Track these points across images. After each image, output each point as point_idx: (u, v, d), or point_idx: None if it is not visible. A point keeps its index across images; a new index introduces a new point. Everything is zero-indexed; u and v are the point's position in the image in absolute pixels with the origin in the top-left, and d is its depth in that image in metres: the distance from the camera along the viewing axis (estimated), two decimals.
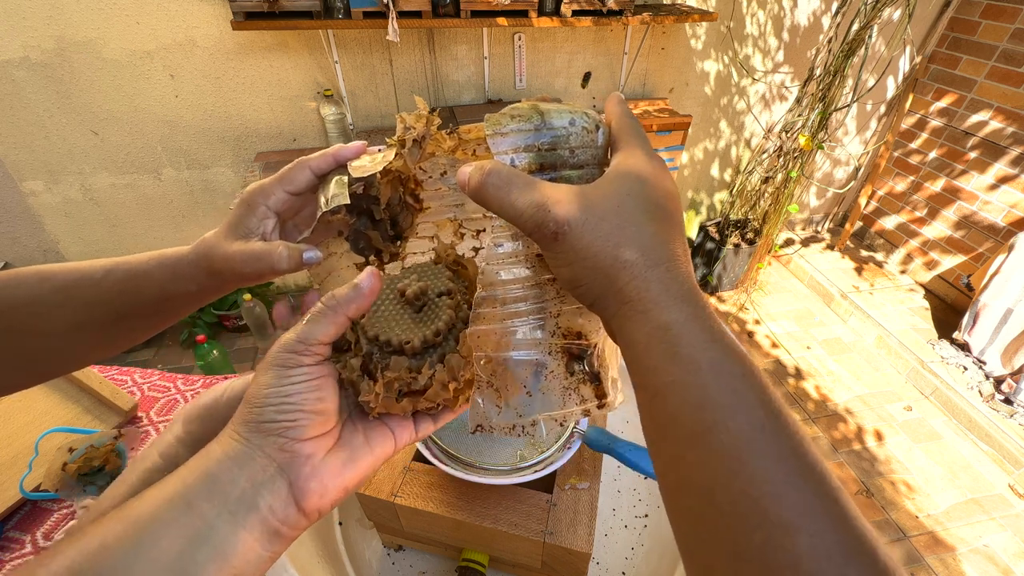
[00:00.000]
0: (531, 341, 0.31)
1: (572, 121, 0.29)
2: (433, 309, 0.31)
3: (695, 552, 0.21)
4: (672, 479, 0.22)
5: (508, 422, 0.31)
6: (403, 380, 0.29)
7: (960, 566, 1.45)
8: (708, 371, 0.21)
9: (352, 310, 0.27)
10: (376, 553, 0.65)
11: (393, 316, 0.31)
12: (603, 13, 1.64)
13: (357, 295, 0.27)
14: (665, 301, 0.23)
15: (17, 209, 1.71)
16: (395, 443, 0.29)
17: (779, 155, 2.13)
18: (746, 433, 0.20)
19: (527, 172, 0.28)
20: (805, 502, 0.18)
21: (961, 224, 2.26)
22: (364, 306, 0.28)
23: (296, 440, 0.24)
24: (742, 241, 2.34)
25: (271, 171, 1.66)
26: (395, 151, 0.35)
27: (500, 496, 0.55)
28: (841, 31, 1.82)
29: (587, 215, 0.25)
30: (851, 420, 1.88)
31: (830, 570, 0.17)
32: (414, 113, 0.36)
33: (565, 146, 0.29)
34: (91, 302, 0.35)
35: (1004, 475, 1.70)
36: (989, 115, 2.11)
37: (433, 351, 0.30)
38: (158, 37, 1.52)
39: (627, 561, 0.64)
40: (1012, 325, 1.82)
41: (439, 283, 0.32)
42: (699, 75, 2.15)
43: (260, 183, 0.35)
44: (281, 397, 0.25)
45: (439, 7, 1.50)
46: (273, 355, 0.26)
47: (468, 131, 0.36)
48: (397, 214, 0.37)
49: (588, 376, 0.32)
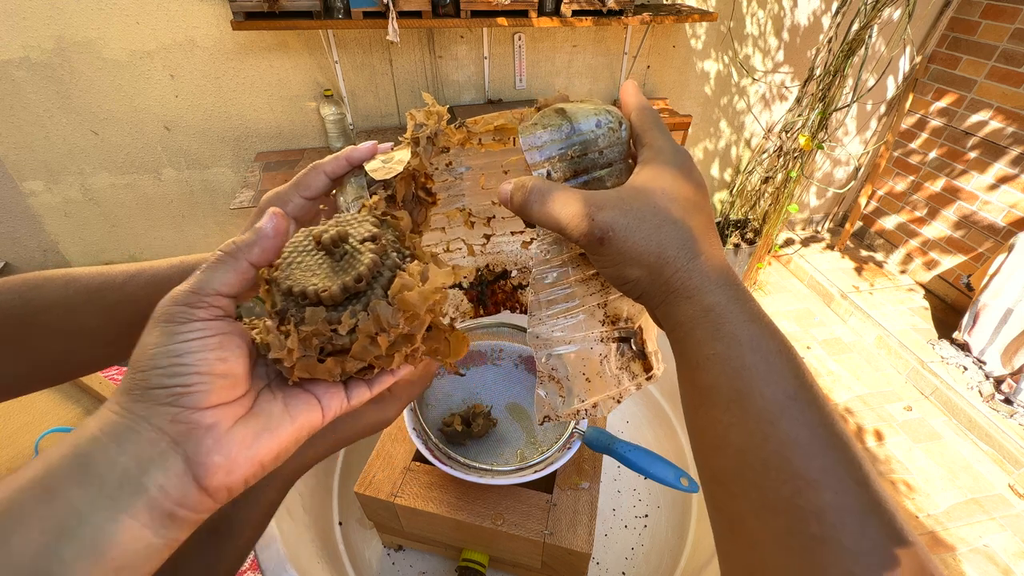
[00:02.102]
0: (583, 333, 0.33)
1: (598, 123, 0.31)
2: (356, 256, 0.27)
3: (725, 506, 0.23)
4: (708, 440, 0.24)
5: (572, 408, 0.34)
6: (322, 334, 0.25)
7: (960, 566, 1.45)
8: (747, 345, 0.23)
9: (255, 255, 0.25)
10: (376, 553, 0.65)
11: (310, 267, 0.27)
12: (603, 13, 1.64)
13: (260, 237, 0.25)
14: (707, 287, 0.25)
15: (17, 209, 1.71)
16: (322, 412, 0.26)
17: (779, 155, 2.13)
18: (780, 400, 0.22)
19: (562, 179, 0.30)
20: (831, 463, 0.20)
21: (961, 224, 2.26)
22: (269, 249, 0.25)
23: (193, 408, 0.21)
24: (742, 241, 2.34)
25: (271, 171, 1.67)
26: (410, 150, 0.35)
27: (500, 496, 0.55)
28: (841, 31, 1.82)
29: (628, 219, 0.27)
30: (851, 420, 1.88)
31: (851, 522, 0.19)
32: (424, 110, 0.37)
33: (594, 148, 0.31)
34: (115, 305, 0.35)
35: (1004, 475, 1.70)
36: (989, 115, 2.11)
37: (357, 300, 0.26)
38: (158, 37, 1.52)
39: (627, 561, 0.64)
40: (1012, 325, 1.82)
41: (362, 229, 0.29)
42: (699, 75, 2.15)
43: (276, 190, 0.35)
44: (171, 358, 0.21)
45: (439, 7, 1.50)
46: (160, 310, 0.22)
47: (475, 123, 0.37)
48: (412, 210, 0.37)
49: (636, 354, 0.35)
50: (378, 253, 0.27)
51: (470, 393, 0.67)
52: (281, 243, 0.26)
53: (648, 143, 0.30)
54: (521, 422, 0.65)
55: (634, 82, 0.33)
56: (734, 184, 2.45)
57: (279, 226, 0.25)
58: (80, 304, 0.35)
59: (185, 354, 0.21)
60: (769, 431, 0.21)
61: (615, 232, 0.26)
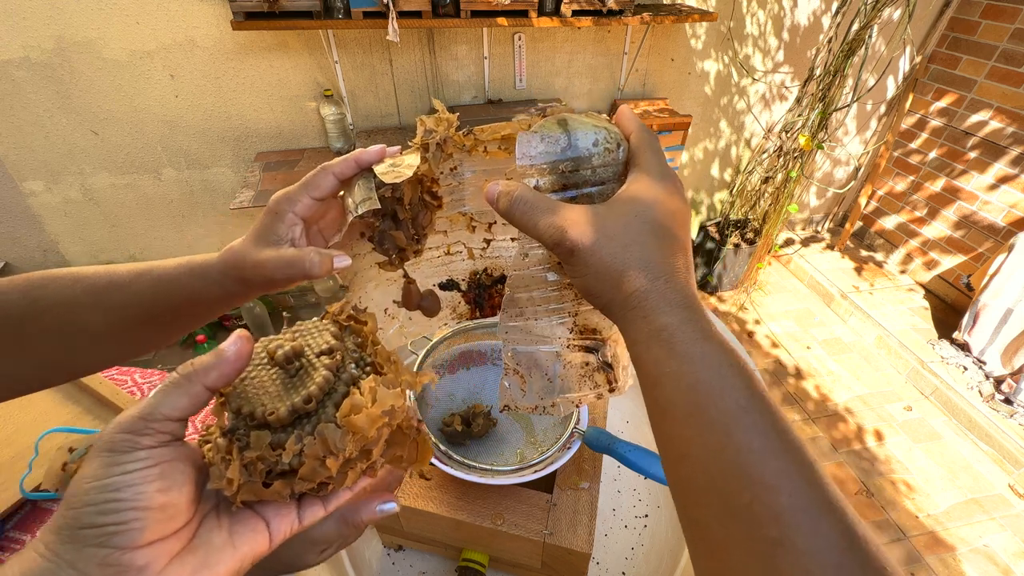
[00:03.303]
0: (553, 336, 0.35)
1: (595, 141, 0.31)
2: (310, 373, 0.27)
3: (692, 514, 0.24)
4: (672, 453, 0.25)
5: (531, 403, 0.36)
6: (267, 459, 0.24)
7: (960, 566, 1.45)
8: (699, 361, 0.24)
9: (212, 379, 0.24)
10: (376, 553, 0.65)
11: (263, 384, 0.27)
12: (603, 13, 1.64)
13: (219, 362, 0.24)
14: (663, 307, 0.26)
15: (17, 209, 1.71)
16: (269, 537, 0.25)
17: (779, 155, 2.13)
18: (733, 411, 0.23)
19: (550, 191, 0.32)
20: (784, 468, 0.21)
21: (961, 224, 2.26)
22: (227, 374, 0.24)
23: (126, 549, 0.19)
24: (742, 241, 2.34)
25: (271, 171, 1.67)
26: (419, 155, 0.35)
27: (500, 496, 0.55)
28: (841, 31, 1.82)
29: (598, 235, 0.28)
30: (851, 420, 1.88)
31: (806, 522, 0.20)
32: (434, 116, 0.37)
33: (587, 166, 0.31)
34: (121, 304, 0.35)
35: (1004, 475, 1.70)
36: (989, 115, 2.11)
37: (307, 421, 0.26)
38: (158, 37, 1.52)
39: (627, 561, 0.64)
40: (1012, 325, 1.82)
41: (320, 340, 0.29)
42: (699, 75, 2.15)
43: (285, 191, 0.36)
44: (107, 492, 0.19)
45: (439, 7, 1.50)
46: (104, 437, 0.21)
47: (483, 131, 0.37)
48: (418, 213, 0.38)
49: (601, 365, 0.36)
50: (332, 369, 0.27)
51: (470, 393, 0.67)
52: (242, 367, 0.25)
53: (638, 163, 0.31)
54: (521, 422, 0.65)
55: (629, 107, 0.35)
56: (734, 184, 2.45)
57: (242, 351, 0.24)
58: (86, 303, 0.35)
59: (123, 488, 0.20)
60: (725, 441, 0.22)
61: (583, 246, 0.28)
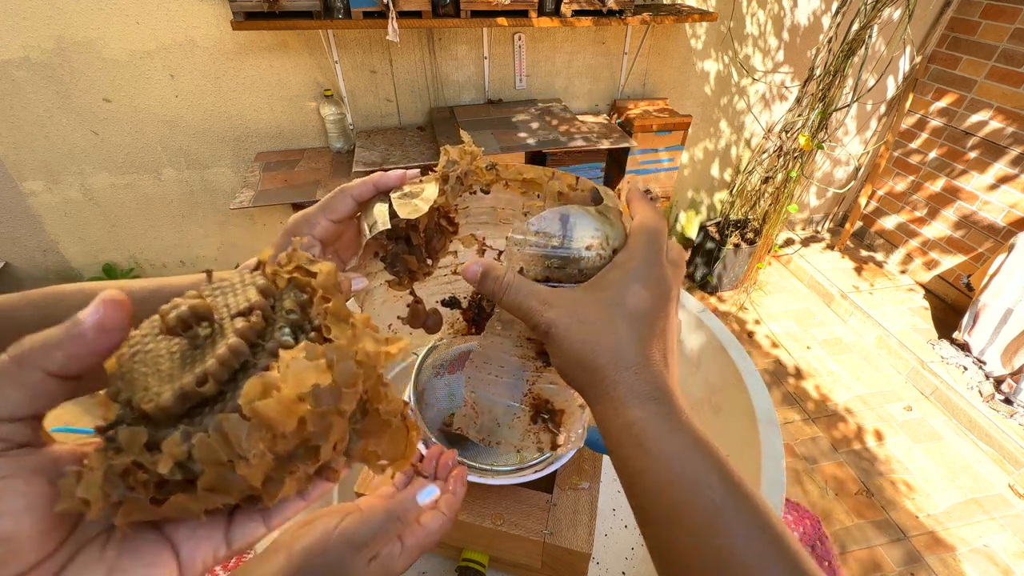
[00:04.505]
0: (510, 394, 0.37)
1: (590, 247, 0.32)
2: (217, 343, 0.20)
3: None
4: (658, 552, 0.25)
5: (477, 436, 0.38)
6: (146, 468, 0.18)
7: (960, 566, 1.45)
8: (671, 458, 0.24)
9: (58, 362, 0.17)
10: None
11: (157, 361, 0.19)
12: (603, 13, 1.64)
13: (68, 338, 0.17)
14: (632, 400, 0.26)
15: (17, 209, 1.71)
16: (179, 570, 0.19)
17: (779, 155, 2.13)
18: (710, 510, 0.22)
19: (533, 278, 0.32)
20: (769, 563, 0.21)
21: (961, 224, 2.26)
22: (81, 355, 0.18)
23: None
24: (742, 241, 2.34)
25: (271, 171, 1.67)
26: (438, 186, 0.35)
27: (500, 496, 0.55)
28: (841, 31, 1.82)
29: (570, 320, 0.28)
30: (851, 420, 1.88)
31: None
32: (459, 148, 0.37)
33: (575, 267, 0.32)
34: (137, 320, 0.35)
35: (1004, 475, 1.70)
36: (989, 115, 2.11)
37: (207, 411, 0.18)
38: (158, 37, 1.52)
39: (627, 561, 0.64)
40: (1012, 325, 1.82)
41: (240, 299, 0.21)
42: (699, 75, 2.15)
43: (304, 213, 0.35)
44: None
45: (439, 7, 1.50)
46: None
47: (506, 168, 0.38)
48: (432, 237, 0.38)
49: (547, 429, 0.38)
50: (247, 335, 0.20)
51: None
52: (109, 344, 0.18)
53: (629, 246, 0.31)
54: None
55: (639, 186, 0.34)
56: (734, 184, 2.45)
57: (106, 321, 0.18)
58: None
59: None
60: (706, 544, 0.22)
61: (557, 331, 0.28)
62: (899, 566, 1.45)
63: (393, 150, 1.66)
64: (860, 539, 1.51)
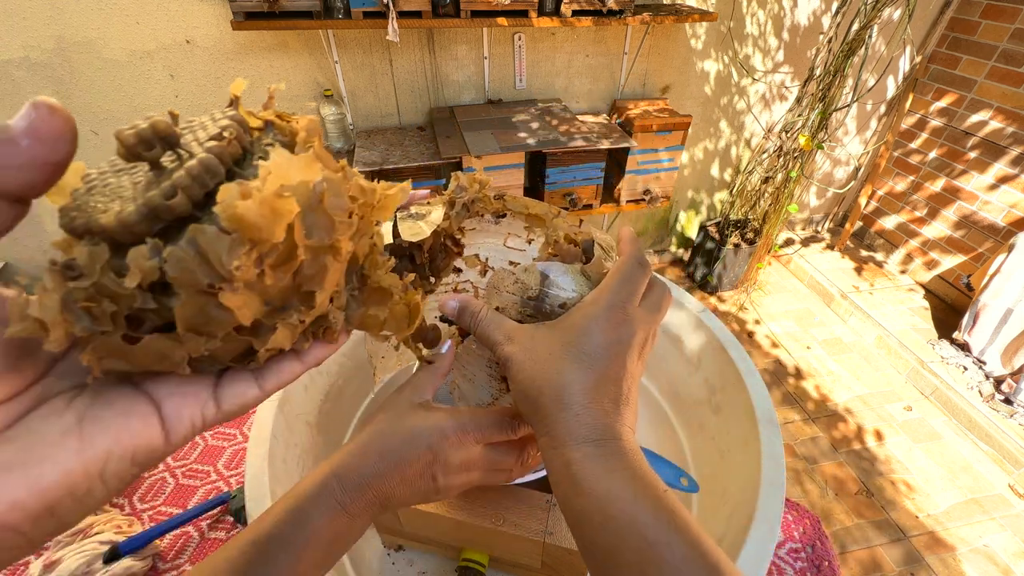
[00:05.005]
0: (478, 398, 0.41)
1: (564, 304, 0.33)
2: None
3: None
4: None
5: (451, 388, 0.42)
6: (115, 293, 0.15)
7: (960, 566, 1.45)
8: (604, 498, 0.24)
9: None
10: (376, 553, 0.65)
11: (119, 191, 0.17)
12: (603, 13, 1.64)
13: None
14: (569, 441, 0.26)
15: None
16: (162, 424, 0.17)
17: (779, 155, 2.13)
18: (644, 550, 0.22)
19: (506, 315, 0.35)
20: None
21: (961, 224, 2.26)
22: (9, 163, 0.14)
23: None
24: (742, 241, 2.34)
25: None
26: (444, 211, 0.36)
27: (500, 496, 0.55)
28: (841, 31, 1.82)
29: (525, 356, 0.30)
30: (851, 420, 1.88)
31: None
32: (469, 175, 0.38)
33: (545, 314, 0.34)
34: None
35: (1004, 475, 1.70)
36: (989, 115, 2.11)
37: (178, 235, 0.15)
38: (158, 37, 1.52)
39: None
40: (1012, 325, 1.82)
41: (208, 132, 0.18)
42: (699, 75, 2.15)
43: None
44: None
45: (439, 7, 1.50)
46: None
47: (514, 201, 0.40)
48: (436, 256, 0.39)
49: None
50: (219, 153, 0.17)
51: None
52: (51, 152, 0.15)
53: (601, 287, 0.31)
54: None
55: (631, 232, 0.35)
56: (734, 184, 2.45)
57: (39, 125, 0.14)
58: None
59: None
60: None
61: (511, 363, 0.30)
62: (899, 566, 1.45)
63: (393, 150, 1.66)
64: (860, 539, 1.51)
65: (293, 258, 0.17)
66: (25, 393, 0.16)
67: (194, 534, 0.62)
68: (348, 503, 0.31)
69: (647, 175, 1.94)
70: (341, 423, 0.69)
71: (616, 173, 1.91)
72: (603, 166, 1.79)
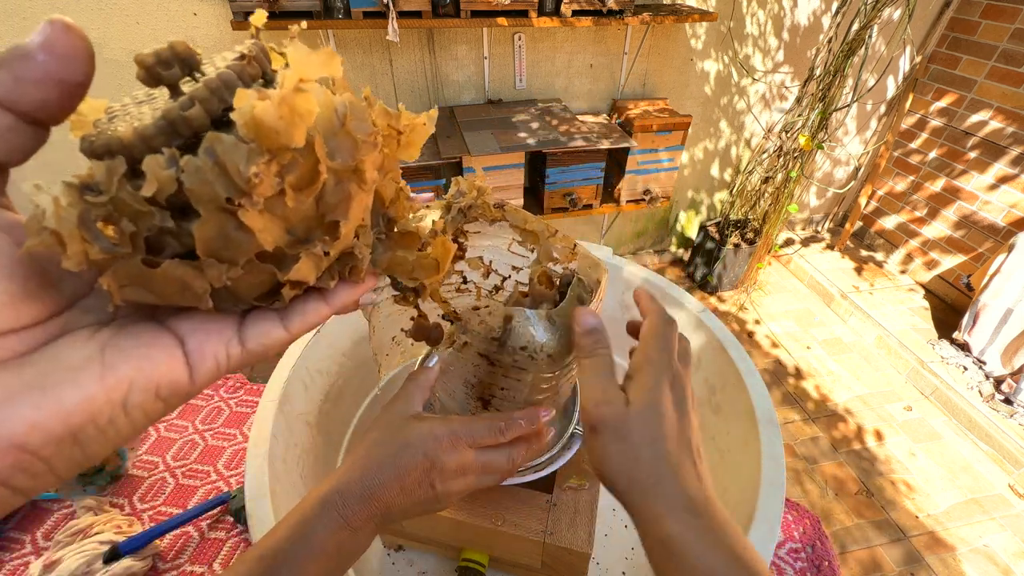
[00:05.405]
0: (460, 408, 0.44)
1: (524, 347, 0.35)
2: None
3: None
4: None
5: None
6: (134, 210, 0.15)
7: (960, 566, 1.45)
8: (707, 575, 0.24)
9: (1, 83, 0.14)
10: (376, 553, 0.65)
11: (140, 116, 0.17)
12: (603, 13, 1.64)
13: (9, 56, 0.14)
14: (666, 515, 0.26)
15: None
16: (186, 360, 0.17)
17: (779, 155, 2.13)
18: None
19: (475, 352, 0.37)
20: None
21: (961, 224, 2.26)
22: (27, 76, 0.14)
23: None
24: (742, 241, 2.34)
25: None
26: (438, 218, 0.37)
27: (500, 496, 0.55)
28: (841, 31, 1.82)
29: (618, 426, 0.29)
30: (851, 420, 1.88)
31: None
32: (469, 180, 0.38)
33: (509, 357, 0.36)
34: None
35: (1004, 475, 1.70)
36: (989, 115, 2.11)
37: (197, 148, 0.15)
38: (158, 37, 1.52)
39: (627, 561, 0.64)
40: (1012, 325, 1.82)
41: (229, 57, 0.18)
42: (699, 75, 2.15)
43: None
44: None
45: (439, 7, 1.50)
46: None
47: (513, 212, 0.40)
48: None
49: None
50: (240, 71, 0.16)
51: None
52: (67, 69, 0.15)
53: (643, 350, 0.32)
54: None
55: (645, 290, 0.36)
56: (734, 184, 2.45)
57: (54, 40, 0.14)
58: None
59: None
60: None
61: (603, 430, 0.30)
62: (899, 566, 1.45)
63: None
64: (860, 539, 1.51)
65: (316, 179, 0.16)
66: (49, 322, 0.16)
67: (194, 534, 0.62)
68: (350, 516, 0.32)
69: (647, 175, 1.94)
70: (341, 423, 0.69)
71: (616, 173, 1.91)
72: (603, 166, 1.79)
